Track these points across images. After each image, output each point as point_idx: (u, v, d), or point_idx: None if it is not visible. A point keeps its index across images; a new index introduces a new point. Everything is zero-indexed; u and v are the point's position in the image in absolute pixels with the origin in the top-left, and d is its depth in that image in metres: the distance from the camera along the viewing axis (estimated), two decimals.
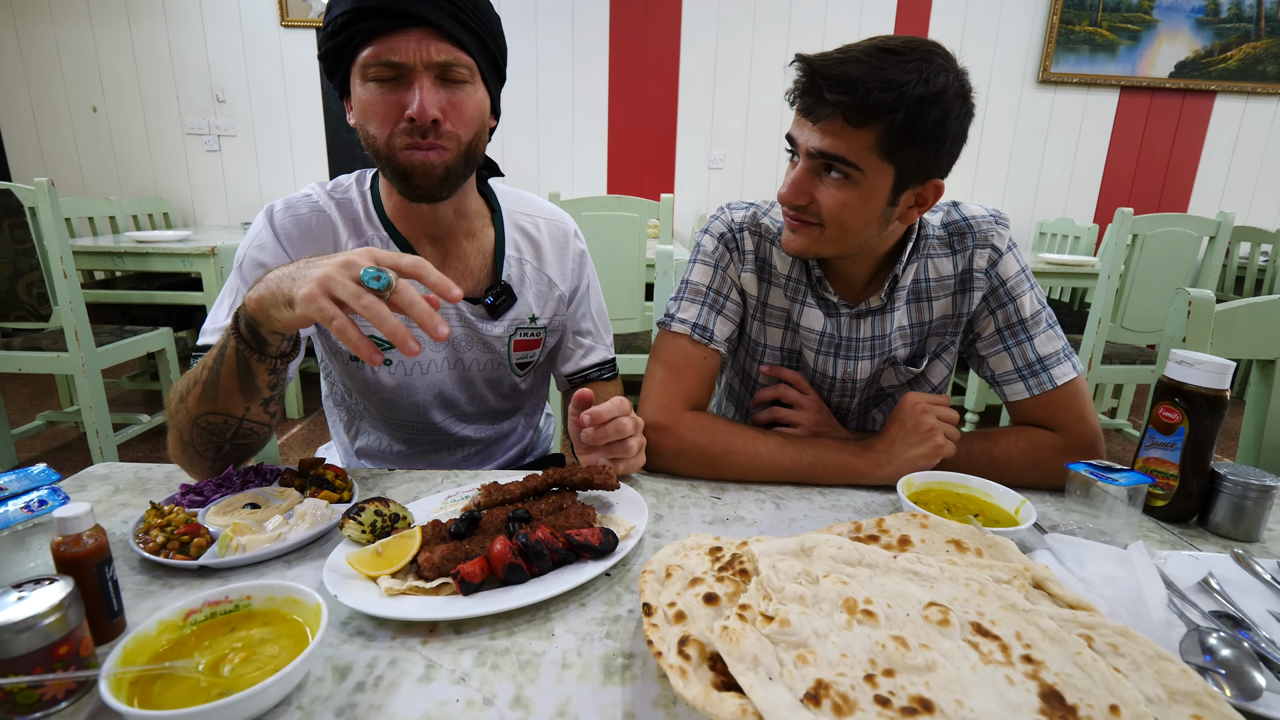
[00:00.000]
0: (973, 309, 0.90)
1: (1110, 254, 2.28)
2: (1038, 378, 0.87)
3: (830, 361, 0.94)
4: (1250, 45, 3.63)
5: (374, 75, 0.77)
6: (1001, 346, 0.89)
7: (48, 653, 0.44)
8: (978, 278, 0.88)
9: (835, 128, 0.73)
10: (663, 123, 3.80)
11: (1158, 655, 0.43)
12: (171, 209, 3.67)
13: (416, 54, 0.76)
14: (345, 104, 0.85)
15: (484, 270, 0.95)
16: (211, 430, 0.75)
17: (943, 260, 0.89)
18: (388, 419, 1.01)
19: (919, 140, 0.73)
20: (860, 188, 0.76)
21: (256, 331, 0.69)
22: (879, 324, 0.91)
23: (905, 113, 0.70)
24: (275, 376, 0.74)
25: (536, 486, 0.72)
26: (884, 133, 0.72)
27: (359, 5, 0.74)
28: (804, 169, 0.78)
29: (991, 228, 0.88)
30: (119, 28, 3.59)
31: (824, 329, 0.92)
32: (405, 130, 0.78)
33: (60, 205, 2.05)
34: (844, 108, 0.71)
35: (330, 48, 0.79)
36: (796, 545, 0.54)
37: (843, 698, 0.39)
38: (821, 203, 0.78)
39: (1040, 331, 0.87)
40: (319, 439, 2.77)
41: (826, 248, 0.82)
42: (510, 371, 1.01)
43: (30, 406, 3.05)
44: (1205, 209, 3.88)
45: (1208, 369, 0.71)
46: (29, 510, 0.55)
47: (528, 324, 0.99)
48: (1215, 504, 0.74)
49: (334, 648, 0.52)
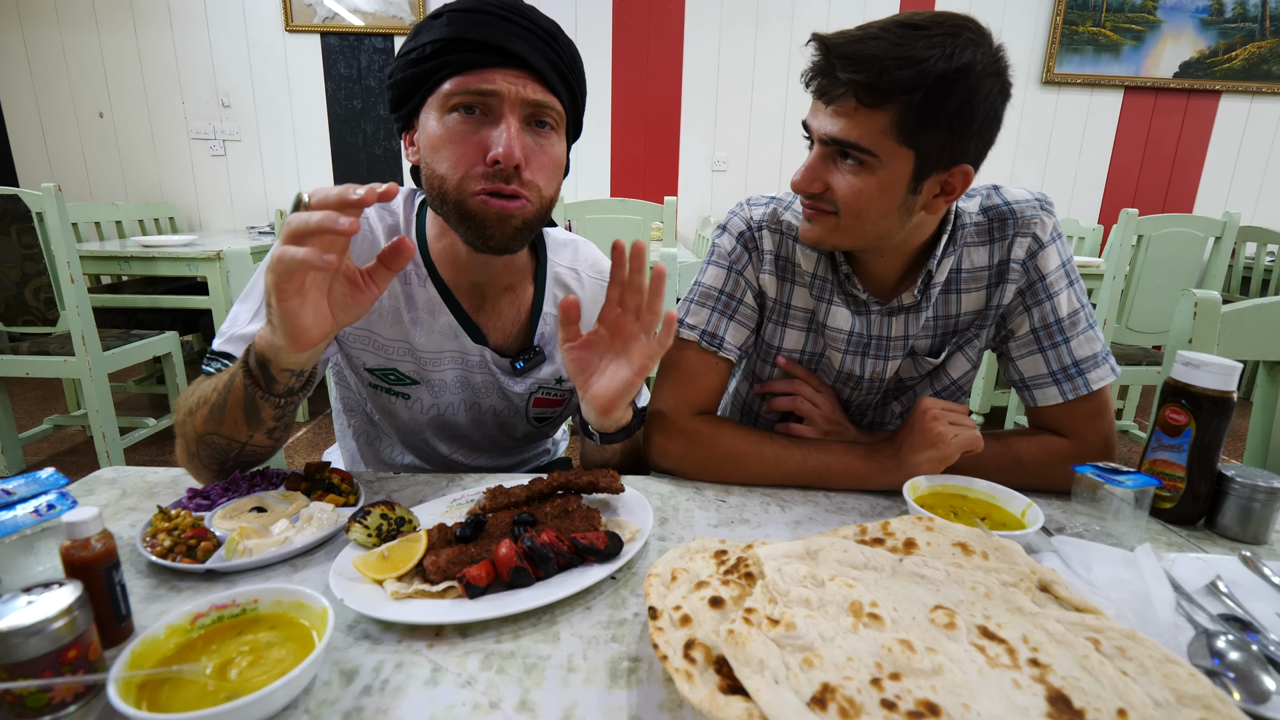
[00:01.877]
0: (1005, 302, 0.83)
1: (1115, 255, 2.27)
2: (1073, 382, 0.82)
3: (859, 361, 0.89)
4: (1255, 45, 3.62)
5: (457, 104, 0.72)
6: (1036, 348, 0.83)
7: (56, 656, 0.44)
8: (1014, 268, 0.82)
9: (848, 109, 0.69)
10: (666, 125, 3.81)
11: (1166, 658, 0.42)
12: (177, 213, 3.70)
13: (511, 88, 0.71)
14: (404, 139, 0.80)
15: (518, 326, 0.92)
16: (215, 449, 0.75)
17: (978, 250, 0.83)
18: (403, 443, 1.00)
19: (942, 122, 0.67)
20: (877, 175, 0.71)
21: (266, 369, 0.67)
22: (913, 322, 0.86)
23: (925, 91, 0.65)
24: (281, 411, 0.72)
25: (541, 490, 0.72)
26: (901, 114, 0.67)
27: (456, 35, 0.70)
28: (818, 155, 0.74)
29: (1036, 213, 0.82)
30: (125, 33, 3.62)
31: (852, 328, 0.87)
32: (483, 174, 0.72)
33: (67, 210, 2.06)
34: (857, 87, 0.67)
35: (410, 76, 0.73)
36: (802, 548, 0.54)
37: (849, 701, 0.38)
38: (836, 190, 0.73)
39: (1079, 333, 0.82)
40: (324, 443, 2.78)
41: (844, 239, 0.77)
42: (525, 422, 0.99)
43: (38, 410, 3.07)
44: (1211, 209, 3.86)
45: (1214, 370, 0.71)
46: (38, 515, 0.55)
47: (552, 385, 0.96)
48: (1223, 506, 0.73)
49: (340, 651, 0.52)
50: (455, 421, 0.96)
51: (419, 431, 0.97)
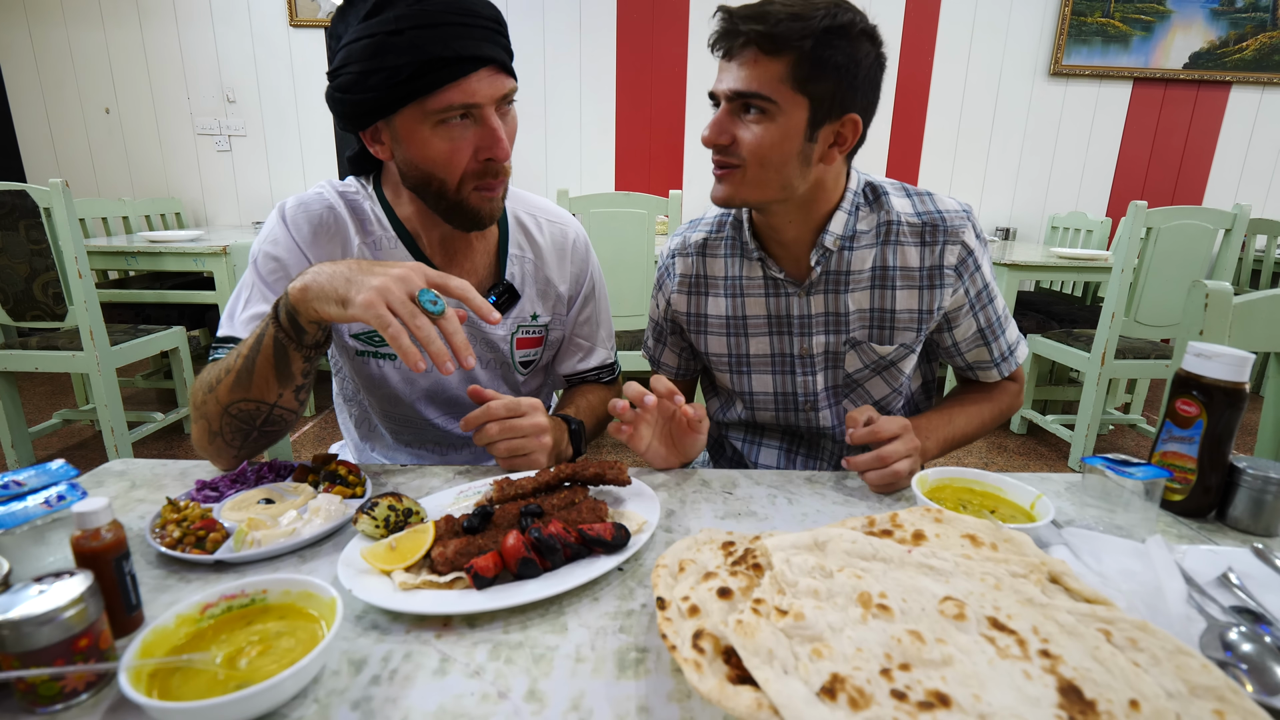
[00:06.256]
0: (943, 305, 0.92)
1: (1124, 247, 2.25)
2: (1007, 362, 1.00)
3: (785, 340, 0.98)
4: (1266, 35, 3.58)
5: (444, 119, 0.78)
6: (981, 343, 0.98)
7: (68, 645, 0.44)
8: (947, 274, 0.91)
9: (750, 59, 0.78)
10: (670, 119, 3.80)
11: (1178, 650, 0.42)
12: (183, 209, 3.71)
13: (489, 94, 0.78)
14: (364, 138, 0.84)
15: (488, 269, 0.97)
16: (242, 418, 0.77)
17: (911, 250, 0.91)
18: (390, 415, 1.02)
19: (829, 72, 0.77)
20: (777, 122, 0.79)
21: (295, 320, 0.71)
22: (832, 301, 0.94)
23: (814, 40, 0.75)
24: (309, 364, 0.77)
25: (548, 481, 0.72)
26: (795, 62, 0.76)
27: (436, 55, 0.74)
28: (724, 111, 0.82)
29: (963, 223, 0.90)
30: (130, 30, 3.62)
31: (769, 311, 0.97)
32: (476, 172, 0.81)
33: (74, 206, 2.07)
34: (758, 36, 0.76)
35: (385, 98, 0.76)
36: (810, 539, 0.54)
37: (859, 691, 0.38)
38: (742, 141, 0.81)
39: (1008, 323, 0.99)
40: (331, 437, 2.79)
41: (751, 191, 0.84)
42: (514, 370, 1.02)
43: (47, 405, 3.09)
44: (1221, 201, 3.83)
45: (1226, 361, 0.70)
46: (49, 505, 0.55)
47: (529, 321, 1.00)
48: (1234, 498, 0.73)
49: (349, 641, 0.52)
50: (446, 382, 0.98)
51: (412, 403, 0.98)
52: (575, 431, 0.93)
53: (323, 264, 0.71)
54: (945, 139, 3.81)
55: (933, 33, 3.67)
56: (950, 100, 3.76)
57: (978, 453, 2.74)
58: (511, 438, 0.82)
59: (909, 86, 3.73)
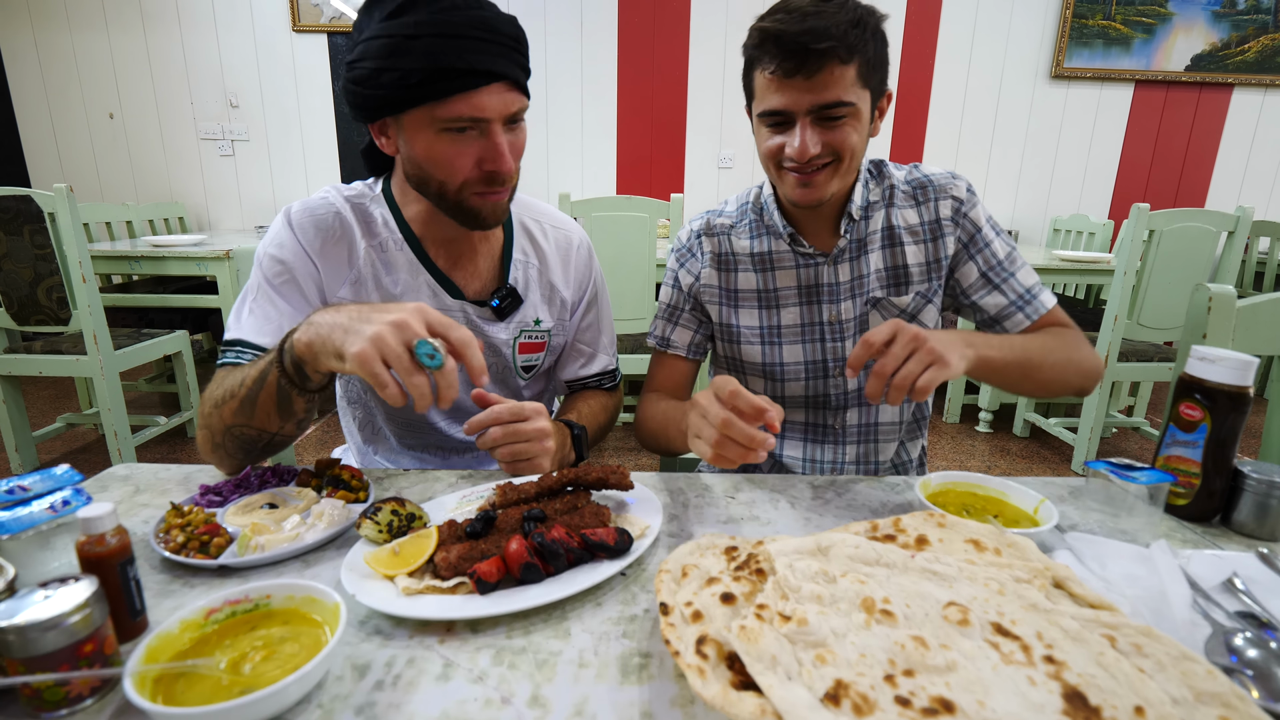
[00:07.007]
0: (949, 254, 0.98)
1: (1126, 250, 2.25)
2: (1031, 305, 0.97)
3: (815, 309, 1.01)
4: (1269, 37, 3.58)
5: (450, 127, 0.79)
6: (991, 287, 0.98)
7: (73, 650, 0.44)
8: (945, 225, 0.97)
9: (829, 72, 0.81)
10: (672, 123, 3.80)
11: (1183, 656, 0.42)
12: (187, 213, 3.72)
13: (497, 110, 0.79)
14: (371, 129, 0.86)
15: (492, 272, 0.97)
16: (244, 440, 0.78)
17: (909, 210, 0.99)
18: (394, 417, 1.02)
19: (877, 62, 0.85)
20: (859, 119, 0.86)
21: (301, 369, 0.71)
22: (856, 267, 0.99)
23: (875, 42, 0.83)
24: (311, 403, 0.77)
25: (551, 486, 0.72)
26: (861, 64, 0.82)
27: (448, 65, 0.75)
28: (806, 124, 0.85)
29: (949, 181, 0.98)
30: (134, 35, 3.64)
31: (800, 282, 1.00)
32: (479, 179, 0.83)
33: (78, 211, 2.08)
34: (835, 51, 0.80)
35: (399, 97, 0.78)
36: (813, 544, 0.54)
37: (862, 698, 0.38)
38: (836, 144, 0.86)
39: (1019, 268, 0.98)
40: (334, 441, 2.79)
41: (841, 185, 0.91)
42: (515, 374, 1.02)
43: (50, 409, 3.10)
44: (1223, 204, 3.82)
45: (1230, 365, 0.70)
46: (54, 510, 0.56)
47: (532, 327, 1.00)
48: (1238, 503, 0.72)
49: (353, 646, 0.52)
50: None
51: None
52: (578, 437, 0.94)
53: (324, 311, 0.69)
54: (947, 142, 3.82)
55: (934, 36, 3.67)
56: (952, 103, 3.76)
57: (980, 456, 2.74)
58: (515, 442, 0.82)
59: (910, 90, 3.74)
